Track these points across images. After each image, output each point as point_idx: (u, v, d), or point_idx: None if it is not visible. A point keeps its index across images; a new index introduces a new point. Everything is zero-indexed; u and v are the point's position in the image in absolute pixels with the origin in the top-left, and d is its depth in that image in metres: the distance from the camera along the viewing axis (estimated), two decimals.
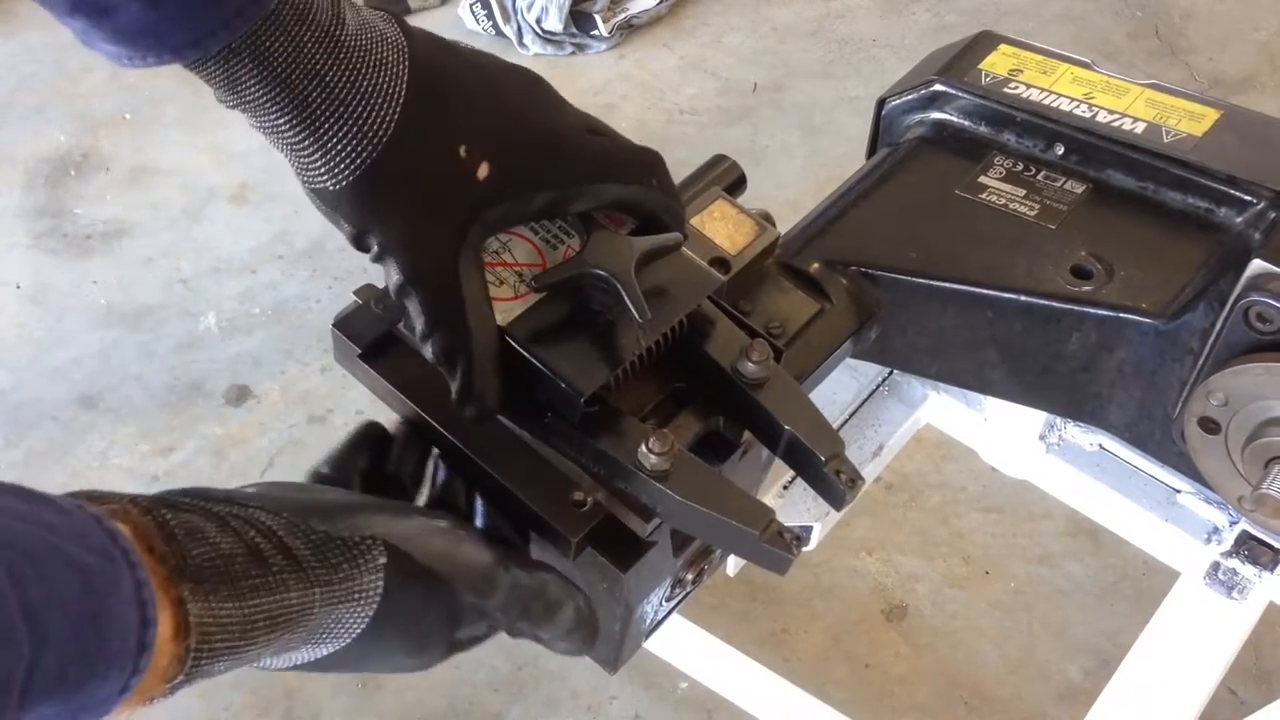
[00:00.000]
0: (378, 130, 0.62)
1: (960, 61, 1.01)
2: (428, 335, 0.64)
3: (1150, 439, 0.90)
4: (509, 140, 0.66)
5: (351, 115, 0.62)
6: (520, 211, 0.67)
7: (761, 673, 1.40)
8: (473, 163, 0.64)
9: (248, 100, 0.61)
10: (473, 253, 0.65)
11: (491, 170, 0.65)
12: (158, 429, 1.91)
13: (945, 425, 1.13)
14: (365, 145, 0.62)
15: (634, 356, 0.68)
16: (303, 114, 0.61)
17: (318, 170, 0.63)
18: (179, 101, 2.48)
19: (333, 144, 0.62)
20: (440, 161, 0.64)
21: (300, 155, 0.63)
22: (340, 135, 0.62)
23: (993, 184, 0.94)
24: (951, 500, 1.79)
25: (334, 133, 0.62)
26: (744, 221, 0.84)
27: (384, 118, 0.62)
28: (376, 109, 0.62)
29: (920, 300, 0.89)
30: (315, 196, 0.64)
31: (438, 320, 0.64)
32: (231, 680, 1.57)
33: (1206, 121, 0.93)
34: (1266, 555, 0.97)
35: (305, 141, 0.62)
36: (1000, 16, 2.68)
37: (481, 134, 0.65)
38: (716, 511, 0.65)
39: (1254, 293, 0.78)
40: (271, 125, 0.62)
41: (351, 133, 0.62)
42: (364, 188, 0.63)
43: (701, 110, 2.49)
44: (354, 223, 0.63)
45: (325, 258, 2.15)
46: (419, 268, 0.63)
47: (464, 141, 0.64)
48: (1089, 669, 1.59)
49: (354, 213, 0.63)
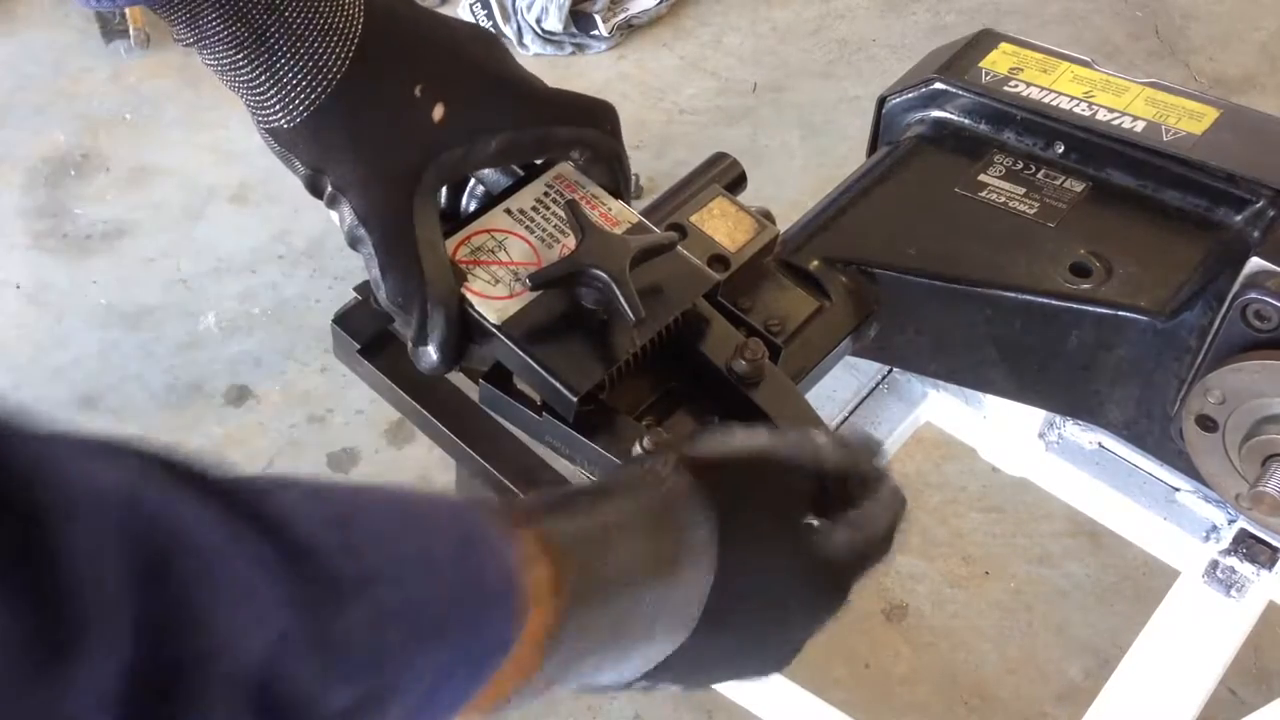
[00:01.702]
0: (332, 66, 0.63)
1: (961, 60, 1.01)
2: (381, 278, 0.64)
3: (1149, 437, 0.90)
4: (464, 82, 0.67)
5: (308, 51, 0.62)
6: (476, 156, 0.68)
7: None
8: (428, 103, 0.65)
9: (207, 35, 0.62)
10: (428, 196, 0.66)
11: (446, 111, 0.65)
12: (158, 429, 1.91)
13: (945, 423, 1.13)
14: (320, 80, 0.62)
15: (628, 355, 0.68)
16: (260, 48, 0.62)
17: (272, 108, 0.63)
18: (179, 101, 2.48)
19: (287, 79, 0.62)
20: (395, 100, 0.64)
21: (255, 92, 0.63)
22: (295, 70, 0.62)
23: (992, 182, 0.94)
24: (951, 500, 1.79)
25: (289, 68, 0.62)
26: (744, 219, 0.84)
27: (339, 54, 0.63)
28: (332, 45, 0.63)
29: (919, 298, 0.89)
30: (270, 136, 0.64)
31: (391, 261, 0.64)
32: None
33: (1206, 120, 0.93)
34: (1265, 553, 0.96)
35: (261, 77, 0.62)
36: (1000, 16, 2.68)
37: (436, 75, 0.66)
38: None
39: (1252, 290, 0.78)
40: (229, 61, 0.62)
41: (307, 68, 0.62)
42: (317, 125, 0.63)
43: (701, 110, 2.49)
44: (307, 162, 0.64)
45: (325, 258, 2.15)
46: (372, 207, 0.64)
47: (419, 82, 0.65)
48: (1089, 669, 1.59)
49: (307, 151, 0.63)
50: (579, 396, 0.66)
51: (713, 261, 0.80)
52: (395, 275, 0.64)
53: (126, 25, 2.56)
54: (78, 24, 2.65)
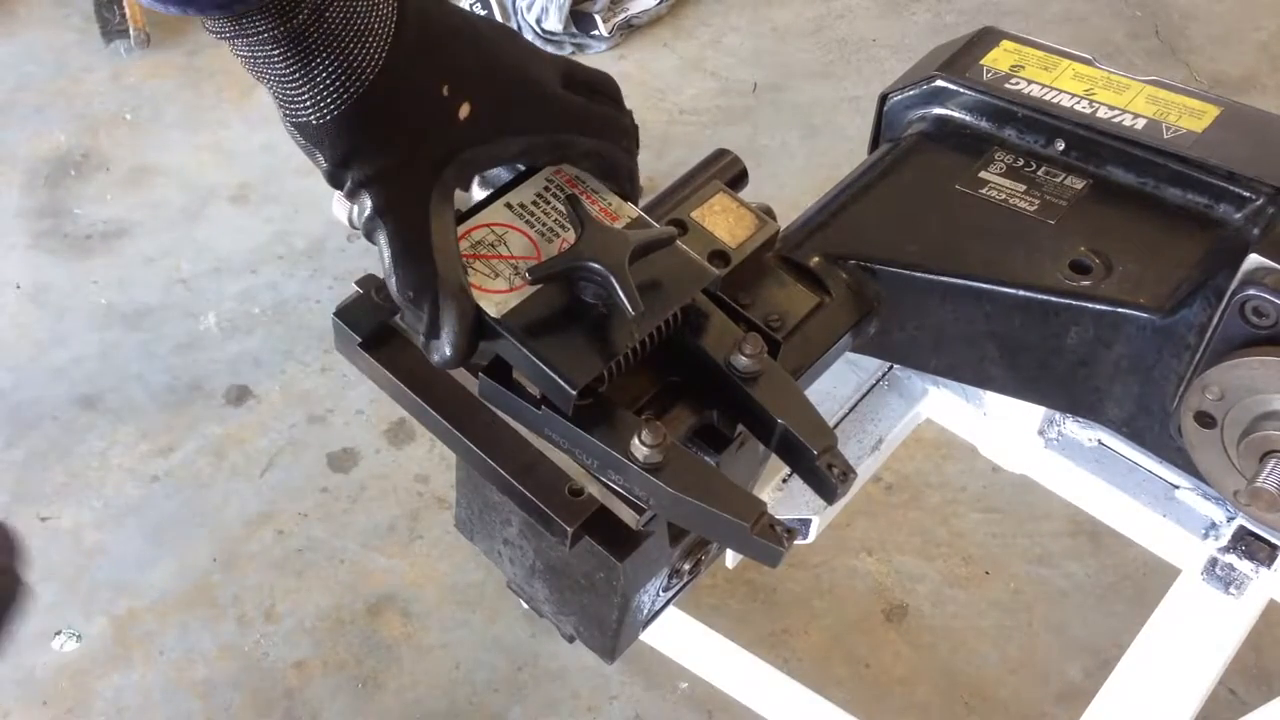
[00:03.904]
0: (365, 67, 0.63)
1: (962, 57, 1.01)
2: (394, 268, 0.65)
3: (1148, 434, 0.90)
4: (490, 82, 0.68)
5: (343, 50, 0.63)
6: (496, 154, 0.69)
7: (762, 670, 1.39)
8: (454, 102, 0.66)
9: (246, 32, 0.62)
10: (447, 193, 0.67)
11: (471, 110, 0.67)
12: (158, 429, 1.91)
13: (945, 420, 1.13)
14: (353, 81, 0.63)
15: (627, 349, 0.68)
16: (297, 47, 0.62)
17: (303, 103, 0.64)
18: (179, 101, 2.48)
19: (321, 78, 0.63)
20: (423, 100, 0.65)
21: (287, 87, 0.64)
22: (329, 70, 0.63)
23: (993, 179, 0.94)
24: (951, 500, 1.79)
25: (324, 67, 0.63)
26: (745, 215, 0.84)
27: (373, 55, 0.63)
28: (367, 45, 0.63)
29: (919, 295, 0.89)
30: (296, 130, 0.65)
31: (405, 254, 0.65)
32: (232, 680, 1.57)
33: (1206, 118, 0.93)
34: (1263, 551, 0.96)
35: (295, 75, 0.63)
36: (1000, 16, 2.68)
37: (464, 75, 0.67)
38: (707, 504, 0.65)
39: (1250, 287, 0.78)
40: (264, 56, 0.63)
41: (341, 68, 0.63)
42: (346, 122, 0.64)
43: (701, 110, 2.49)
44: (333, 157, 0.64)
45: (325, 258, 2.15)
46: (392, 200, 0.65)
47: (447, 81, 0.66)
48: (1089, 669, 1.59)
49: (333, 146, 0.64)
50: (578, 390, 0.66)
51: (713, 257, 0.81)
52: (408, 267, 0.65)
53: (126, 25, 2.56)
54: (78, 24, 2.65)
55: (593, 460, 0.68)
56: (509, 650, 1.60)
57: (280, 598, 1.66)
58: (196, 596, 1.67)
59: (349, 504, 1.78)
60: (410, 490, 1.79)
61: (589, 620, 0.83)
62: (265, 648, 1.62)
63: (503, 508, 0.83)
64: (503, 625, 1.63)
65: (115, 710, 1.55)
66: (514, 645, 1.61)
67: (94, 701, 1.56)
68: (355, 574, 1.69)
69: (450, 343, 0.66)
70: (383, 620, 1.64)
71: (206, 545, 1.73)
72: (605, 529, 0.70)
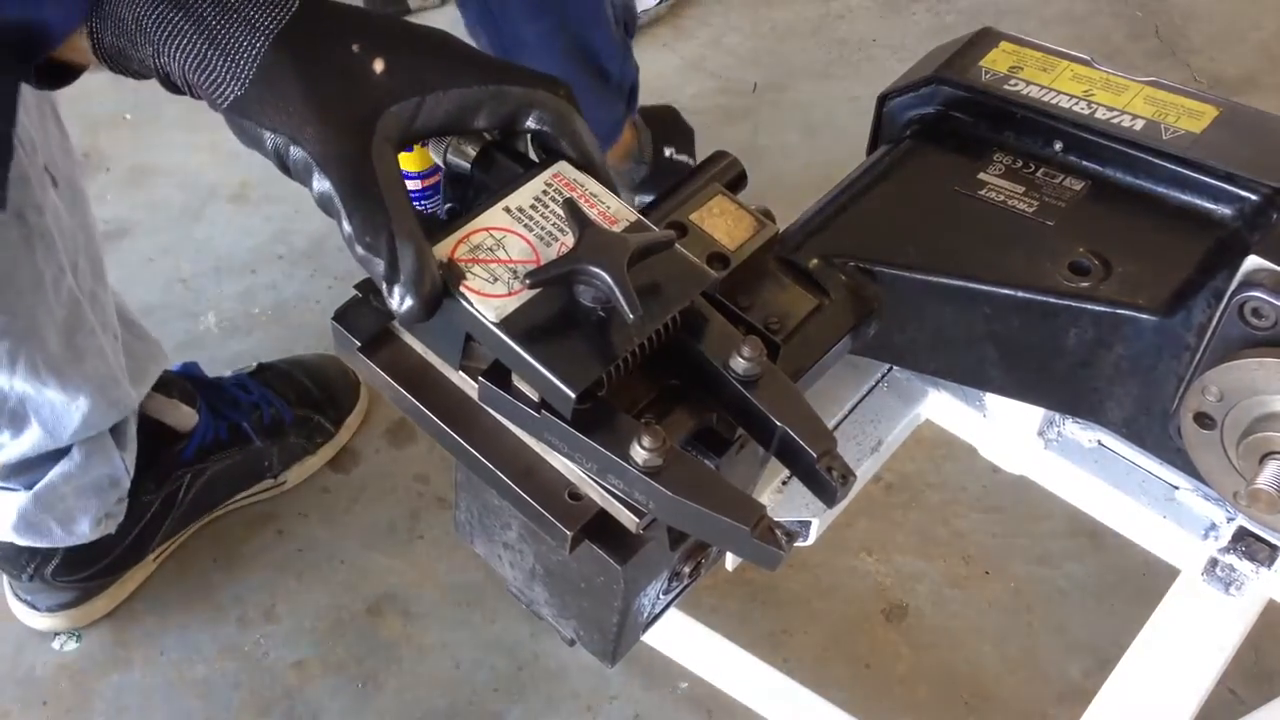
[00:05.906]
0: (267, 23, 0.66)
1: (961, 58, 1.01)
2: (348, 218, 0.66)
3: (1148, 435, 0.90)
4: (401, 40, 0.70)
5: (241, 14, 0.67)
6: (430, 114, 0.70)
7: (762, 670, 1.40)
8: (367, 57, 0.68)
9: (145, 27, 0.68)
10: (385, 144, 0.67)
11: (387, 65, 0.68)
12: None
13: (945, 421, 1.13)
14: (257, 37, 0.66)
15: (626, 353, 0.68)
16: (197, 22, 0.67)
17: (221, 76, 0.67)
18: (179, 101, 2.46)
19: (225, 39, 0.67)
20: (334, 55, 0.68)
21: (203, 68, 0.67)
22: (230, 28, 0.66)
23: (992, 180, 0.94)
24: (951, 500, 1.79)
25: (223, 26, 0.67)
26: (743, 217, 0.84)
27: (274, 14, 0.67)
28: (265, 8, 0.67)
29: (919, 296, 0.89)
30: (234, 115, 0.68)
31: (355, 197, 0.65)
32: (232, 679, 1.58)
33: (1205, 118, 0.94)
34: (1263, 551, 0.97)
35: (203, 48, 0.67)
36: (1000, 16, 2.68)
37: (372, 33, 0.69)
38: (707, 507, 0.65)
39: (1249, 288, 0.78)
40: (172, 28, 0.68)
41: (243, 28, 0.66)
42: (266, 87, 0.66)
43: (701, 110, 2.48)
44: (267, 128, 0.66)
45: (325, 258, 2.15)
46: (327, 149, 0.66)
47: (355, 41, 0.68)
48: (1089, 669, 1.59)
49: (263, 117, 0.66)
50: (577, 394, 0.66)
51: (712, 260, 0.81)
52: (360, 213, 0.65)
53: None
54: None
55: (592, 464, 0.68)
56: (509, 650, 1.60)
57: (280, 598, 1.66)
58: (196, 597, 1.67)
59: (349, 504, 1.78)
60: (410, 490, 1.80)
61: (589, 624, 0.84)
62: (265, 648, 1.62)
63: (502, 512, 0.83)
64: (503, 625, 1.63)
65: (115, 710, 1.56)
66: (514, 645, 1.61)
67: (94, 701, 1.56)
68: (355, 574, 1.69)
69: (410, 286, 0.66)
70: (383, 620, 1.64)
71: (207, 545, 1.73)
72: (605, 533, 0.70)
